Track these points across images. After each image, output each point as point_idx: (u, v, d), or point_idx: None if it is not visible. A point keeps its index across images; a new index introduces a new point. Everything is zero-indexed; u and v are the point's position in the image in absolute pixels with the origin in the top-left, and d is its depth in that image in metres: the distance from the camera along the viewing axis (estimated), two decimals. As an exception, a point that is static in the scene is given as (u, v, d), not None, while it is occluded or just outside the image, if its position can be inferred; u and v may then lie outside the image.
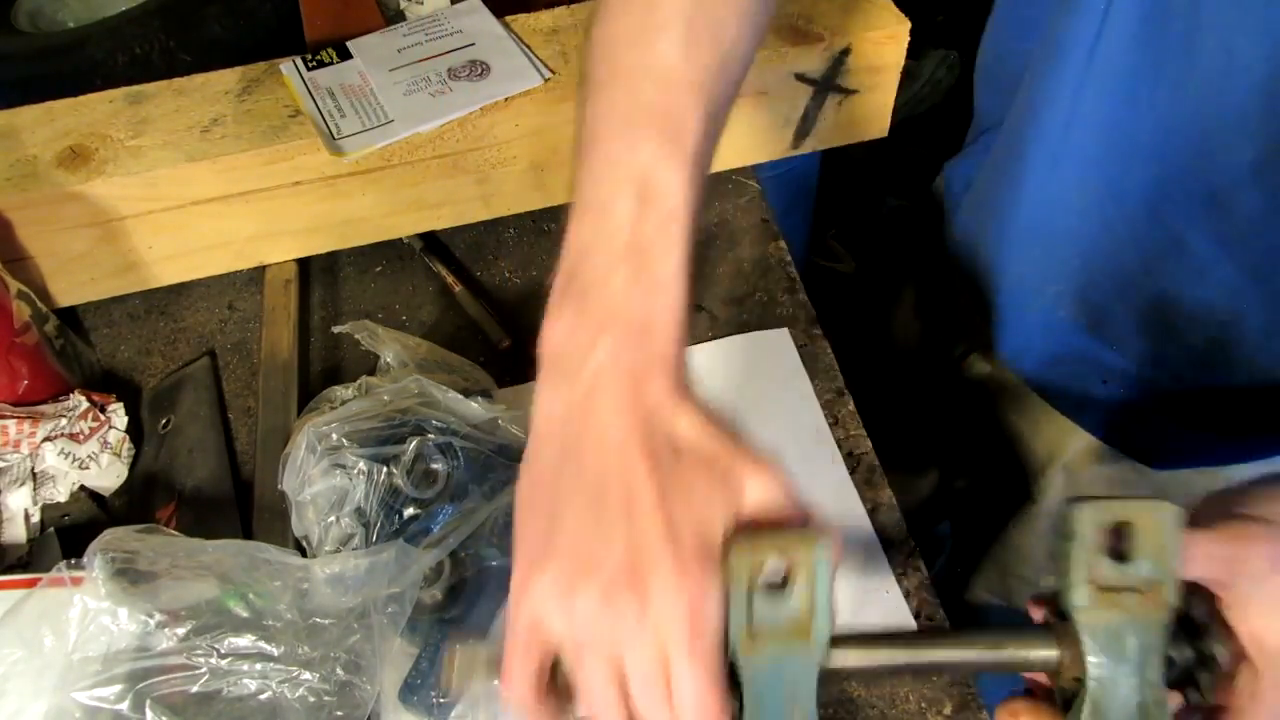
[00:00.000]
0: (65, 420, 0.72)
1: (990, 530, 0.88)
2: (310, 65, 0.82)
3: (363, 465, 0.62)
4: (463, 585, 0.63)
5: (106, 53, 0.97)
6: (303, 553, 0.64)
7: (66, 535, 0.69)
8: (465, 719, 0.60)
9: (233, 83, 0.81)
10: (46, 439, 0.70)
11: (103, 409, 0.74)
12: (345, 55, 0.83)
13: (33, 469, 0.70)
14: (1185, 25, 0.53)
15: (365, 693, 0.56)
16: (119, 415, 0.74)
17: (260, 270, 0.84)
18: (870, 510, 0.69)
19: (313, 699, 0.55)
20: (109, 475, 0.72)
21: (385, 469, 0.63)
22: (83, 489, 0.72)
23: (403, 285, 0.85)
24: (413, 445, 0.63)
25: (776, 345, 0.79)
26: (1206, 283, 0.61)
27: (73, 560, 0.55)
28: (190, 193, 0.76)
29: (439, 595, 0.62)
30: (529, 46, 0.83)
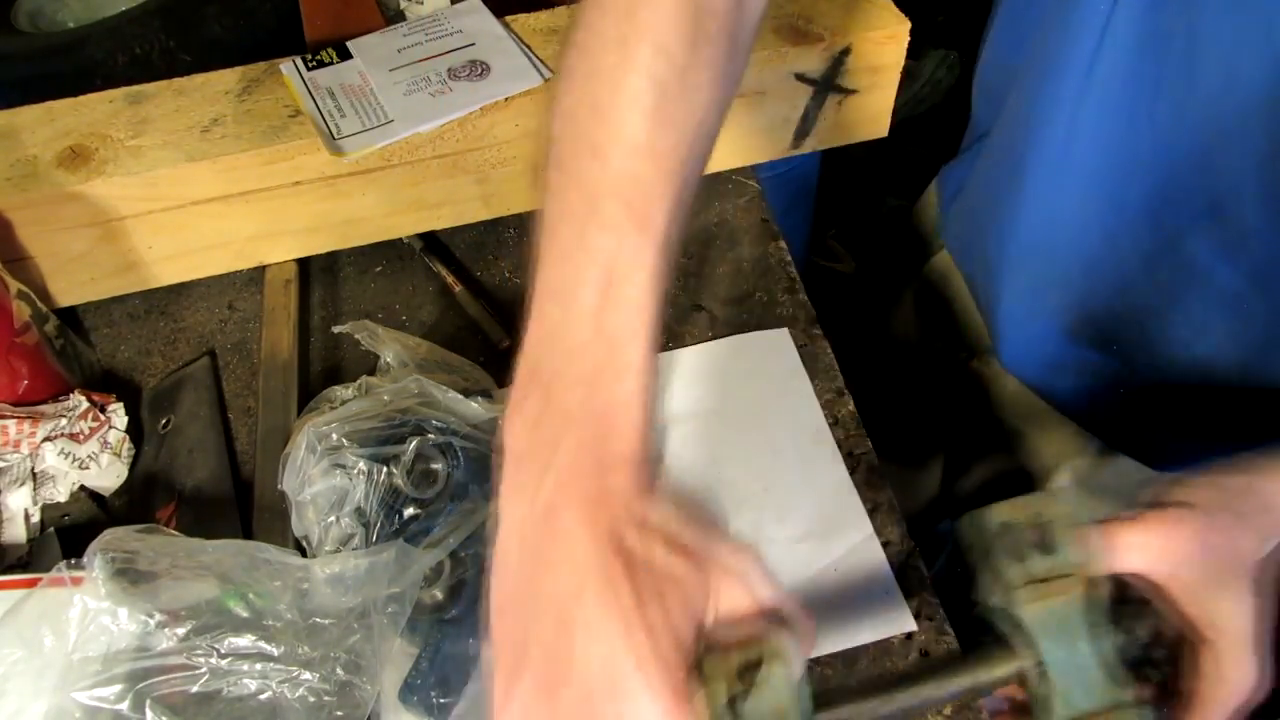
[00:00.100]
0: (65, 420, 0.72)
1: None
2: (310, 65, 0.82)
3: (363, 465, 0.62)
4: (463, 585, 0.63)
5: (106, 53, 0.97)
6: (303, 553, 0.64)
7: (66, 535, 0.69)
8: (466, 719, 0.60)
9: (233, 83, 0.81)
10: (46, 439, 0.70)
11: (103, 409, 0.74)
12: (345, 55, 0.83)
13: (33, 469, 0.70)
14: (1184, 44, 0.53)
15: (365, 693, 0.56)
16: (119, 415, 0.74)
17: (260, 270, 0.84)
18: (870, 510, 0.69)
19: (313, 699, 0.55)
20: (109, 475, 0.72)
21: (385, 469, 0.63)
22: (83, 489, 0.72)
23: (403, 285, 0.85)
24: (413, 445, 0.63)
25: (776, 345, 0.79)
26: (1208, 292, 0.61)
27: (73, 560, 0.55)
28: (190, 193, 0.76)
29: (439, 595, 0.62)
30: (529, 46, 0.83)
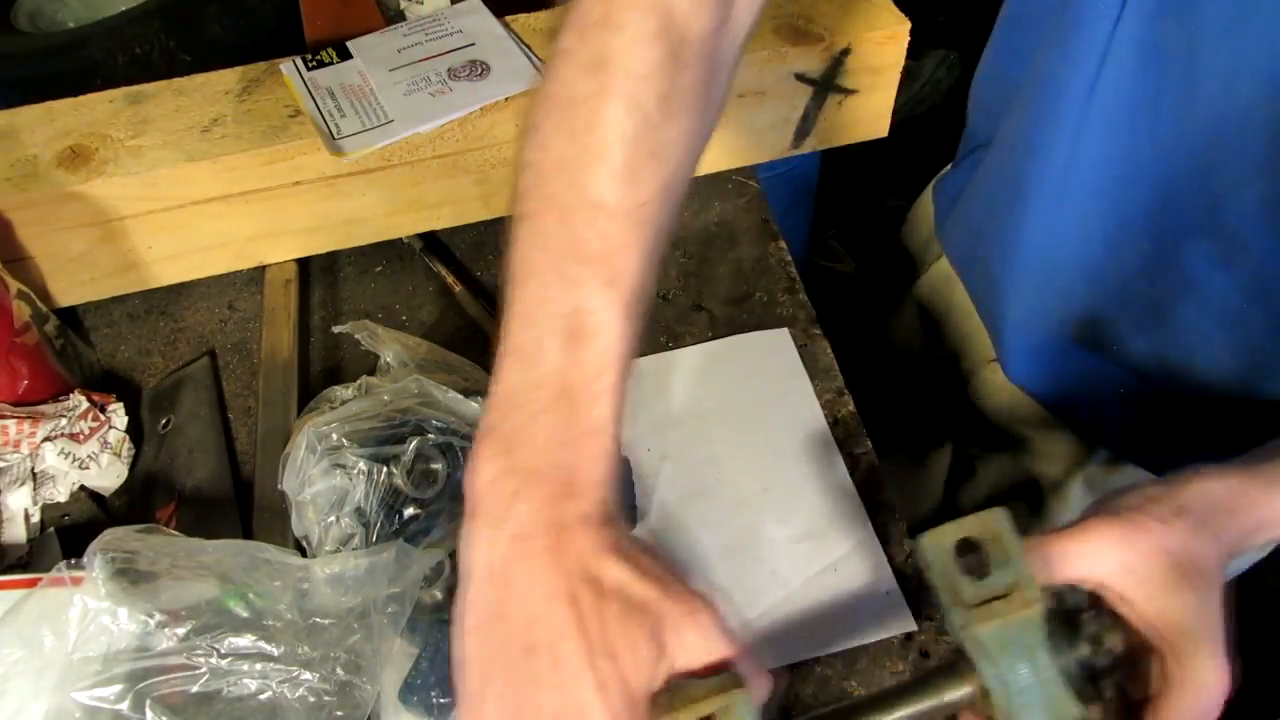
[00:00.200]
0: (65, 420, 0.72)
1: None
2: (310, 65, 0.82)
3: (363, 465, 0.62)
4: (463, 585, 0.63)
5: (106, 53, 0.97)
6: (303, 553, 0.64)
7: (66, 535, 0.69)
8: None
9: (233, 83, 0.81)
10: (46, 439, 0.70)
11: (103, 409, 0.74)
12: (345, 55, 0.83)
13: (33, 469, 0.70)
14: (1185, 60, 0.53)
15: (365, 693, 0.56)
16: (119, 415, 0.74)
17: (260, 270, 0.84)
18: (870, 510, 0.69)
19: (313, 699, 0.55)
20: (109, 475, 0.72)
21: (385, 469, 0.63)
22: (83, 489, 0.72)
23: (403, 285, 0.85)
24: (413, 445, 0.63)
25: (776, 345, 0.79)
26: (1206, 302, 0.61)
27: (73, 560, 0.55)
28: (190, 193, 0.76)
29: (439, 595, 0.62)
30: (529, 46, 0.83)
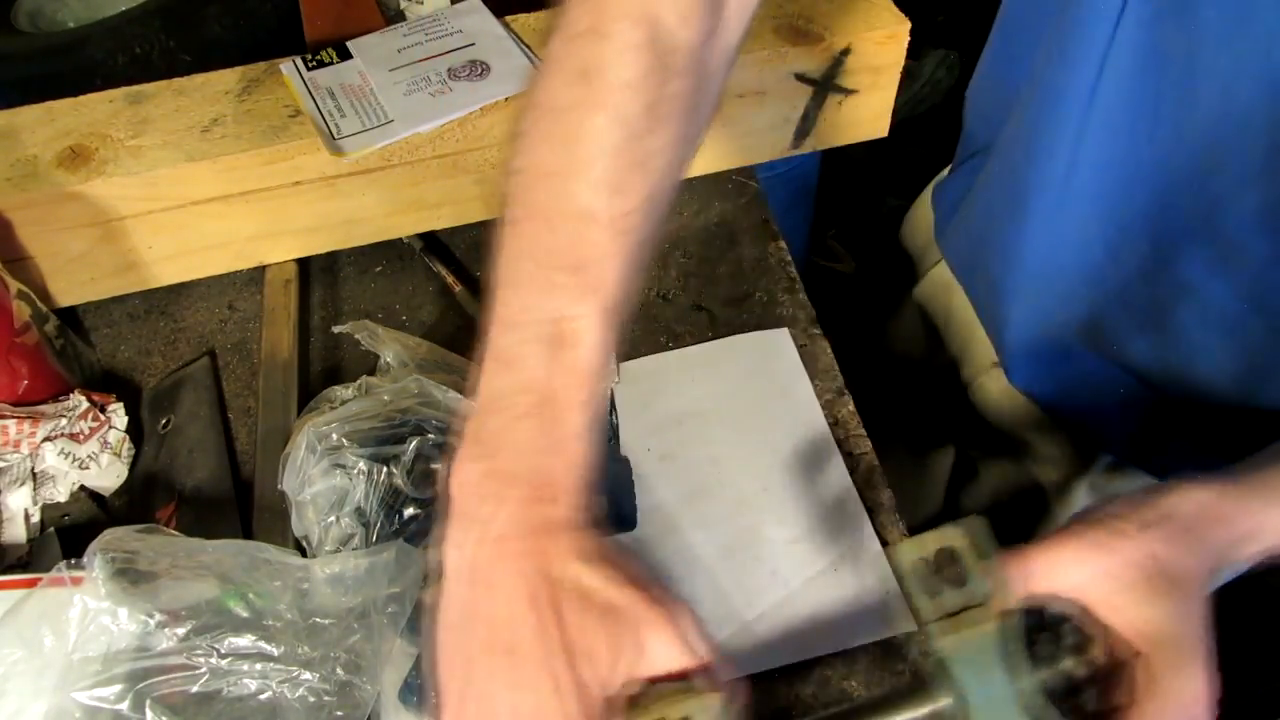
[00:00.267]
0: (65, 420, 0.72)
1: (993, 527, 0.88)
2: (310, 65, 0.82)
3: (363, 465, 0.62)
4: (463, 585, 0.63)
5: (106, 53, 0.97)
6: (303, 553, 0.64)
7: (66, 535, 0.69)
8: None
9: (233, 83, 0.81)
10: (46, 439, 0.70)
11: (103, 409, 0.74)
12: (345, 55, 0.83)
13: (33, 469, 0.70)
14: (1184, 66, 0.53)
15: (365, 693, 0.56)
16: (119, 415, 0.74)
17: (260, 270, 0.84)
18: (870, 510, 0.69)
19: (313, 699, 0.55)
20: (109, 475, 0.72)
21: (385, 469, 0.63)
22: (83, 489, 0.72)
23: (403, 285, 0.85)
24: (413, 445, 0.63)
25: (776, 345, 0.79)
26: (1205, 309, 0.61)
27: (73, 560, 0.55)
28: (190, 193, 0.76)
29: (439, 595, 0.62)
30: (529, 46, 0.83)
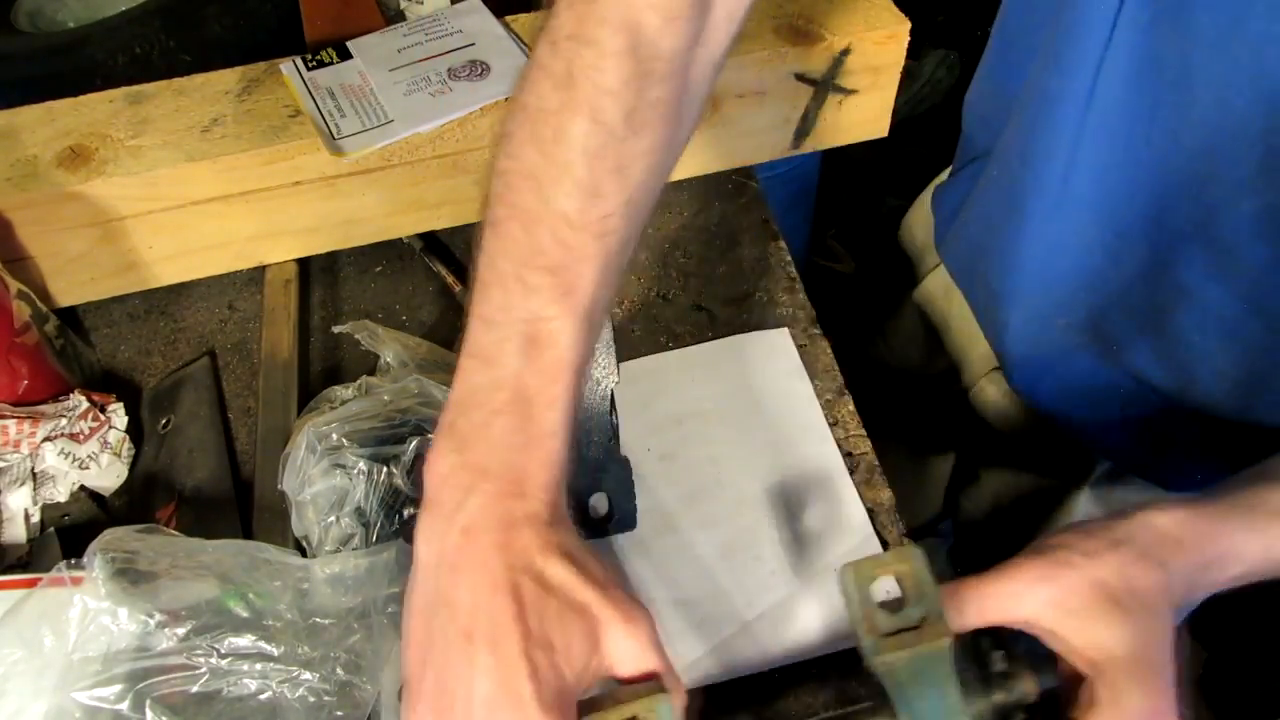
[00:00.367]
0: (65, 420, 0.72)
1: (993, 530, 0.88)
2: (310, 65, 0.82)
3: (363, 465, 0.62)
4: (463, 585, 0.63)
5: (106, 53, 0.97)
6: (303, 553, 0.64)
7: (66, 535, 0.69)
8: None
9: (233, 83, 0.81)
10: (46, 439, 0.70)
11: (103, 409, 0.74)
12: (345, 55, 0.83)
13: (33, 469, 0.70)
14: (1177, 77, 0.53)
15: (365, 693, 0.56)
16: (119, 415, 0.74)
17: (260, 270, 0.84)
18: (870, 510, 0.69)
19: (313, 699, 0.55)
20: (109, 475, 0.72)
21: (385, 469, 0.63)
22: (83, 489, 0.72)
23: (403, 285, 0.85)
24: (413, 445, 0.63)
25: (776, 345, 0.79)
26: (1203, 313, 0.61)
27: (73, 560, 0.55)
28: (190, 193, 0.76)
29: (439, 595, 0.62)
30: (529, 46, 0.83)
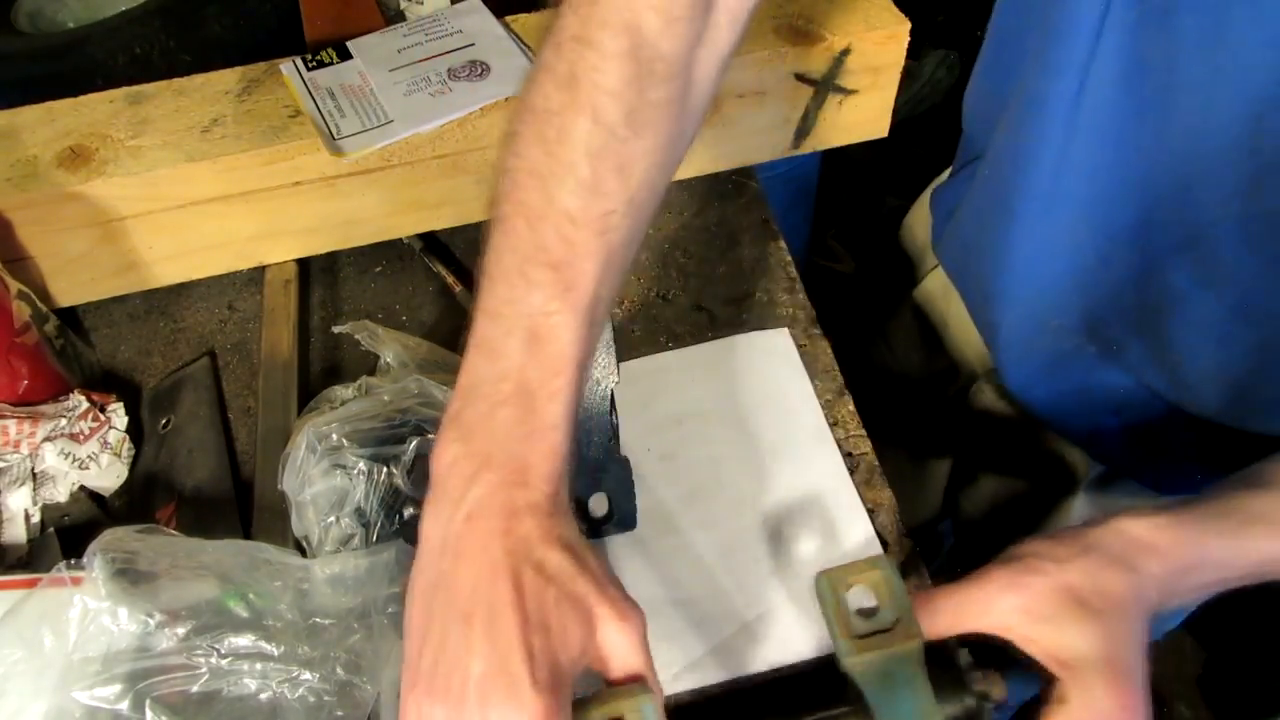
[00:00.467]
0: (65, 420, 0.72)
1: (992, 531, 0.88)
2: (310, 65, 0.82)
3: (363, 465, 0.62)
4: (463, 585, 0.63)
5: (106, 53, 0.97)
6: (303, 553, 0.64)
7: (66, 535, 0.69)
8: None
9: (233, 83, 0.81)
10: (46, 439, 0.71)
11: (103, 409, 0.74)
12: (345, 55, 0.83)
13: (33, 469, 0.70)
14: (1163, 81, 0.53)
15: (365, 693, 0.56)
16: (119, 415, 0.74)
17: (260, 270, 0.84)
18: (870, 510, 0.69)
19: (313, 699, 0.55)
20: (109, 475, 0.72)
21: (385, 469, 0.63)
22: (83, 489, 0.72)
23: (403, 285, 0.85)
24: (413, 445, 0.63)
25: (776, 345, 0.79)
26: (1192, 319, 0.61)
27: (73, 560, 0.55)
28: (190, 193, 0.76)
29: (439, 595, 0.62)
30: (529, 46, 0.83)
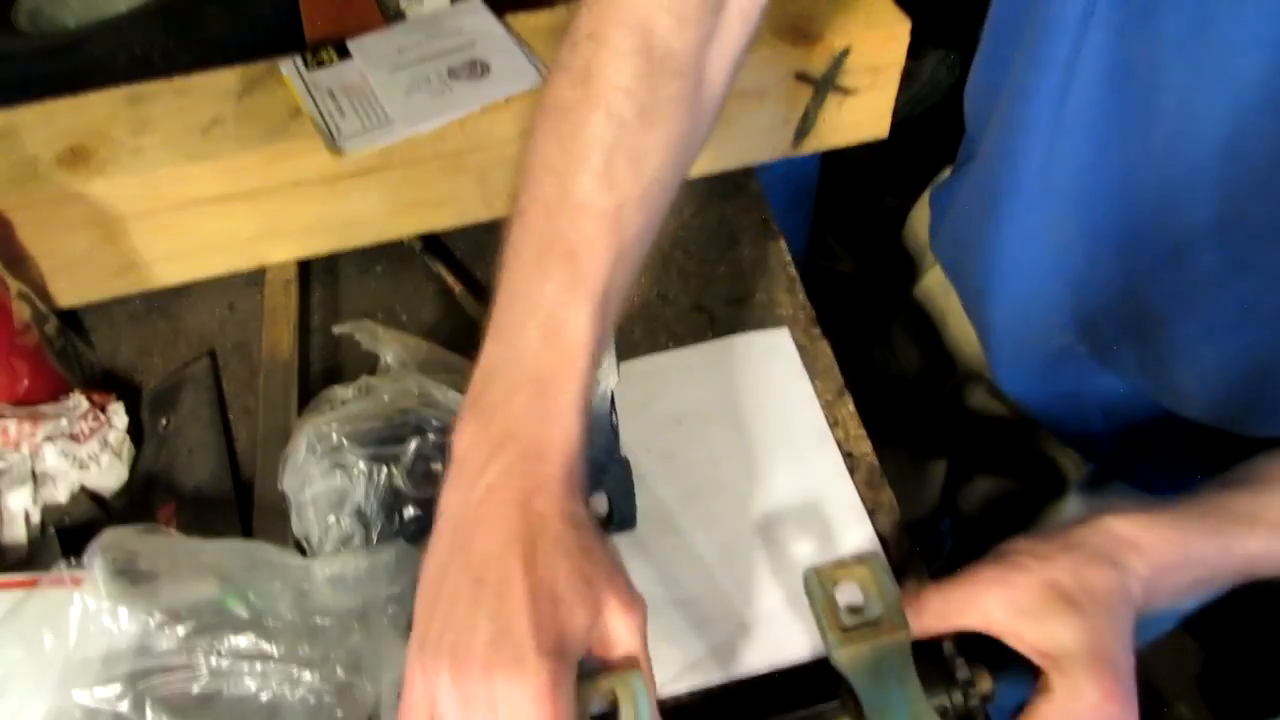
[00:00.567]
0: (65, 420, 0.72)
1: (988, 530, 0.88)
2: (310, 65, 0.82)
3: (363, 465, 0.62)
4: (463, 585, 0.63)
5: (106, 53, 0.97)
6: (303, 553, 0.64)
7: (66, 535, 0.69)
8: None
9: (233, 83, 0.81)
10: (47, 439, 0.70)
11: (103, 409, 0.74)
12: (345, 55, 0.83)
13: (33, 469, 0.70)
14: (1145, 83, 0.53)
15: (365, 693, 0.56)
16: (119, 415, 0.74)
17: (260, 270, 0.84)
18: (870, 511, 0.69)
19: (313, 699, 0.55)
20: (109, 475, 0.72)
21: (385, 469, 0.63)
22: (83, 489, 0.72)
23: (403, 285, 0.85)
24: (413, 445, 0.63)
25: (776, 345, 0.79)
26: (1179, 331, 0.61)
27: (73, 560, 0.55)
28: (190, 193, 0.76)
29: (439, 595, 0.62)
30: (529, 46, 0.83)
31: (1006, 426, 0.82)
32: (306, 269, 0.86)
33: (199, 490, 0.71)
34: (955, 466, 0.94)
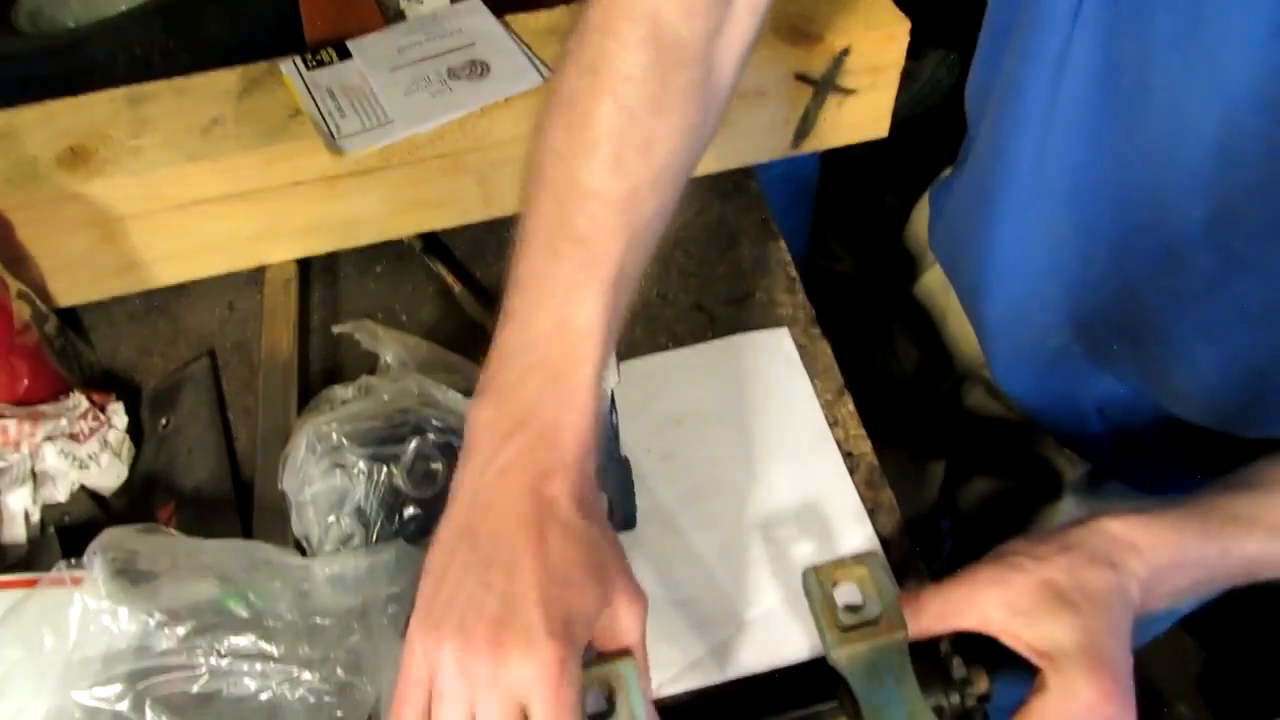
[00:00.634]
0: (65, 420, 0.72)
1: (986, 530, 0.88)
2: (310, 65, 0.82)
3: (363, 465, 0.62)
4: (463, 585, 0.63)
5: (106, 53, 0.97)
6: (303, 553, 0.64)
7: (66, 535, 0.69)
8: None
9: (233, 83, 0.81)
10: (47, 439, 0.70)
11: (103, 409, 0.74)
12: (345, 55, 0.83)
13: (33, 469, 0.70)
14: (1135, 82, 0.53)
15: (365, 693, 0.56)
16: (119, 415, 0.74)
17: (260, 270, 0.84)
18: (870, 510, 0.69)
19: (313, 699, 0.55)
20: (109, 475, 0.72)
21: (385, 469, 0.63)
22: (83, 489, 0.72)
23: (403, 285, 0.85)
24: (413, 445, 0.63)
25: (776, 345, 0.79)
26: (1174, 334, 0.61)
27: (73, 560, 0.55)
28: (190, 193, 0.76)
29: (439, 595, 0.62)
30: (529, 46, 0.83)
31: (1004, 426, 0.82)
32: (306, 269, 0.86)
33: (199, 490, 0.71)
34: (954, 466, 0.94)
